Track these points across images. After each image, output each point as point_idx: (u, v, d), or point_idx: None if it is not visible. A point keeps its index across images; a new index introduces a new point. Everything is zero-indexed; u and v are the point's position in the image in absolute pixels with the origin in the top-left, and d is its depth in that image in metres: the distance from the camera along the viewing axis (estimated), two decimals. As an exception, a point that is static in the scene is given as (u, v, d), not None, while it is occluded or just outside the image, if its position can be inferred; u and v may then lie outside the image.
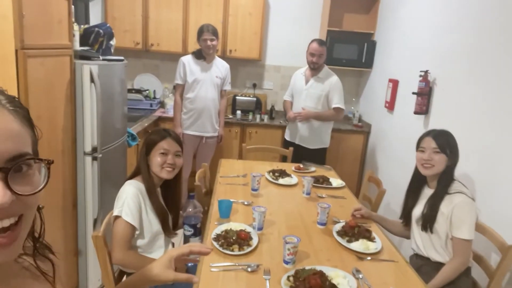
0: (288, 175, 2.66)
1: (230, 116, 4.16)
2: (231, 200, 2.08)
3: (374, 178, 2.69)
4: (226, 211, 1.97)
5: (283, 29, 4.36)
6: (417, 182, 1.97)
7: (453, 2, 2.60)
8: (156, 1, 3.96)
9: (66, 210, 2.20)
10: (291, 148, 3.29)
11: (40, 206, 0.64)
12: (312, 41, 3.29)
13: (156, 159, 1.72)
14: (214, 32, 3.27)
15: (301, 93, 3.37)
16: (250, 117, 4.15)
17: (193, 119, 3.41)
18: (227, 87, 3.54)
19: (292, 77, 3.56)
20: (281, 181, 2.58)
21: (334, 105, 3.31)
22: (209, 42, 3.25)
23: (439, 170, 1.82)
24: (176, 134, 1.80)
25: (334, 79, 3.33)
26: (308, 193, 2.37)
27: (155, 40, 4.05)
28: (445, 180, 1.83)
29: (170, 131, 1.80)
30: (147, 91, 4.29)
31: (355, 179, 4.13)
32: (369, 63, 4.10)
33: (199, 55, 3.36)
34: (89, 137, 2.24)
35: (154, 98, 4.33)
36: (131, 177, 1.75)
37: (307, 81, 3.37)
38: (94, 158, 2.27)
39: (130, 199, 1.60)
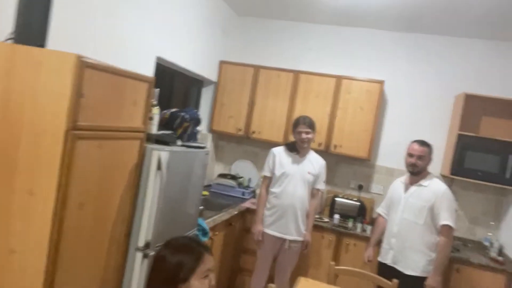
0: (384, 325, 1.91)
1: (326, 219, 3.57)
2: None
3: None
4: None
5: (400, 128, 3.79)
6: None
7: None
8: (264, 89, 3.89)
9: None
10: (395, 281, 2.49)
11: None
12: (413, 141, 2.79)
13: (196, 286, 1.32)
14: (311, 125, 2.95)
15: (399, 202, 2.76)
16: (350, 224, 3.49)
17: (275, 216, 2.98)
18: (320, 186, 3.06)
19: (391, 186, 2.99)
20: (371, 333, 1.85)
21: (442, 222, 2.57)
22: (304, 135, 2.92)
23: None
24: (205, 244, 1.42)
25: (442, 188, 2.65)
26: None
27: (257, 128, 3.91)
28: None
29: (201, 243, 1.44)
30: (241, 179, 4.07)
31: None
32: (516, 180, 3.16)
33: (292, 147, 3.04)
34: (144, 230, 1.97)
35: (248, 186, 4.07)
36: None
37: (406, 189, 2.76)
38: (145, 256, 1.97)
39: None
